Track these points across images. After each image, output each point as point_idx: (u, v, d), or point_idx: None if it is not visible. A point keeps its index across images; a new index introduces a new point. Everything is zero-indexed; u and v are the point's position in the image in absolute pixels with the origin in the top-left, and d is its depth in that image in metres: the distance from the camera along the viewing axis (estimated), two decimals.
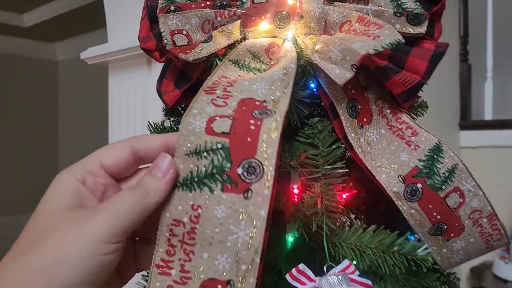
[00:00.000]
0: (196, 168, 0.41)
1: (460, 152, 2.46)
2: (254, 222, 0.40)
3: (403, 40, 0.50)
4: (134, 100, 1.10)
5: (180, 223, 0.41)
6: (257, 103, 0.46)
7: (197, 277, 0.40)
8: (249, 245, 0.40)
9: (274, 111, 0.44)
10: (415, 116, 0.67)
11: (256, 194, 0.40)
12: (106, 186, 0.40)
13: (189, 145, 0.41)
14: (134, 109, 1.10)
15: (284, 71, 0.49)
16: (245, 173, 0.41)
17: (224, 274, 0.40)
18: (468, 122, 2.52)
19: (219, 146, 0.41)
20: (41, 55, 4.01)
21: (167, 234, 0.42)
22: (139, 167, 0.43)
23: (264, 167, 0.40)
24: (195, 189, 0.41)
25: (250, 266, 0.40)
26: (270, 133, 0.41)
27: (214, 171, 0.41)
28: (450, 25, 2.48)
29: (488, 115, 2.48)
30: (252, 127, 0.42)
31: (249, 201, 0.40)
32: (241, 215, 0.40)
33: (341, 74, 0.50)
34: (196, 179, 0.41)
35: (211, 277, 0.40)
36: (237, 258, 0.40)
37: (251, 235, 0.40)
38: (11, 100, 3.79)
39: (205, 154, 0.41)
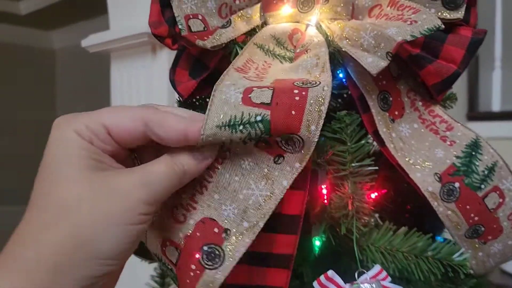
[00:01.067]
0: (229, 141, 0.37)
1: None
2: (274, 188, 0.38)
3: (443, 26, 0.45)
4: (137, 90, 1.05)
5: None
6: (296, 78, 0.41)
7: (201, 210, 0.38)
8: (259, 207, 0.38)
9: (319, 81, 0.39)
10: (443, 109, 0.63)
11: (287, 163, 0.38)
12: (116, 157, 0.34)
13: (222, 116, 0.36)
14: (138, 100, 1.05)
15: (317, 56, 0.44)
16: (283, 142, 0.38)
17: (226, 221, 0.38)
18: (475, 113, 2.47)
19: (259, 118, 0.36)
20: (38, 44, 3.94)
21: None
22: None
23: (305, 143, 0.37)
24: (229, 131, 0.36)
25: (251, 226, 0.38)
26: (317, 106, 0.37)
27: (252, 140, 0.37)
28: None
29: (496, 106, 2.43)
30: (297, 97, 0.37)
31: (277, 165, 0.38)
32: (264, 175, 0.38)
33: (374, 62, 0.45)
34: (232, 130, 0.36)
35: (213, 217, 0.38)
36: (244, 214, 0.38)
37: (266, 198, 0.38)
38: (7, 89, 3.73)
39: (241, 127, 0.36)
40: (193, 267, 0.37)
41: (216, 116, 0.36)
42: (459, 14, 0.50)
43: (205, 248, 0.37)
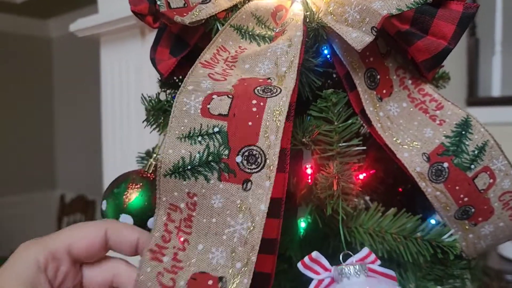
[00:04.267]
0: (189, 154, 0.37)
1: None
2: (253, 216, 0.37)
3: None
4: (127, 74, 1.04)
5: (177, 208, 0.39)
6: (260, 80, 0.40)
7: (189, 268, 0.37)
8: (246, 241, 0.37)
9: (280, 89, 0.38)
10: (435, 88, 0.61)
11: (257, 186, 0.37)
12: (67, 275, 0.38)
13: (182, 128, 0.37)
14: (128, 84, 1.04)
15: (289, 42, 0.43)
16: (244, 162, 0.37)
17: (218, 269, 0.37)
18: (475, 98, 2.45)
19: (216, 130, 0.37)
20: (34, 32, 3.90)
21: (165, 218, 0.39)
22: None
23: (267, 156, 0.37)
24: (189, 177, 0.37)
25: (245, 265, 0.37)
26: (274, 116, 0.36)
27: (210, 158, 0.37)
28: None
29: (496, 91, 2.40)
30: (254, 109, 0.37)
31: (248, 192, 0.37)
32: (239, 207, 0.37)
33: (359, 38, 0.44)
34: (189, 167, 0.37)
35: (203, 270, 0.37)
36: (233, 254, 0.37)
37: (249, 230, 0.37)
38: (4, 78, 3.71)
39: (199, 138, 0.37)
40: None
41: (177, 128, 0.37)
42: None
43: None
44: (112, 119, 1.05)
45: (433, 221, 0.56)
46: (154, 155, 0.50)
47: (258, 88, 0.39)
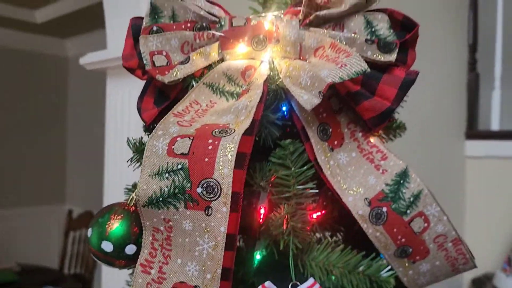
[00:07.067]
0: (159, 188, 0.45)
1: (466, 161, 2.45)
2: (216, 237, 0.45)
3: (369, 70, 0.52)
4: (129, 104, 1.13)
5: (158, 230, 0.48)
6: (221, 125, 0.48)
7: (171, 278, 0.46)
8: (212, 257, 0.45)
9: (234, 130, 0.46)
10: (393, 138, 0.68)
11: (216, 211, 0.45)
12: None
13: (153, 166, 0.46)
14: (129, 113, 1.12)
15: (250, 99, 0.51)
16: (204, 192, 0.45)
17: (193, 279, 0.46)
18: (474, 131, 2.49)
19: (179, 167, 0.45)
20: (52, 51, 4.07)
21: (151, 238, 0.48)
22: None
23: (222, 186, 0.44)
24: (162, 207, 0.46)
25: (213, 276, 0.45)
26: (227, 152, 0.44)
27: (176, 191, 0.45)
28: (459, 33, 2.47)
29: (495, 125, 2.45)
30: (210, 147, 0.45)
31: (210, 217, 0.45)
32: (204, 229, 0.45)
33: (309, 100, 0.52)
34: (161, 199, 0.45)
35: (182, 280, 0.46)
36: (204, 267, 0.45)
37: (214, 248, 0.45)
38: (21, 94, 3.86)
39: (166, 175, 0.45)
40: None
41: (149, 167, 0.45)
42: (391, 57, 0.56)
43: None
44: (113, 146, 1.13)
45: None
46: (135, 190, 0.58)
47: (216, 130, 0.47)
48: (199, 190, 0.44)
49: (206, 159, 0.44)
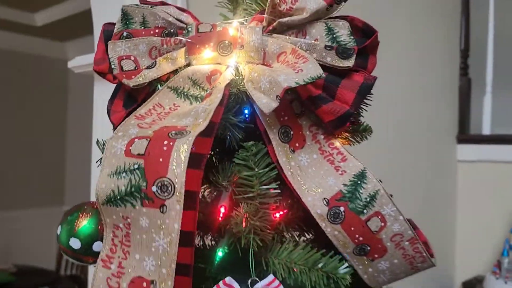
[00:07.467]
0: (117, 187, 0.47)
1: (458, 165, 2.47)
2: (170, 233, 0.47)
3: (324, 75, 0.54)
4: None
5: (118, 227, 0.50)
6: (179, 127, 0.51)
7: (130, 273, 0.49)
8: (167, 253, 0.47)
9: (190, 132, 0.48)
10: (360, 141, 0.70)
11: (170, 209, 0.47)
12: None
13: (111, 166, 0.48)
14: None
15: (210, 102, 0.53)
16: (159, 191, 0.47)
17: (149, 274, 0.48)
18: (466, 136, 2.51)
19: (136, 166, 0.47)
20: (52, 54, 4.11)
21: (111, 235, 0.51)
22: None
23: (175, 185, 0.46)
24: (119, 205, 0.48)
25: (169, 271, 0.47)
26: (180, 153, 0.46)
27: (133, 189, 0.47)
28: (451, 39, 2.49)
29: (487, 130, 2.47)
30: (165, 148, 0.47)
31: (164, 214, 0.47)
32: (160, 226, 0.47)
33: (267, 103, 0.54)
34: (118, 197, 0.48)
35: (139, 275, 0.48)
36: (159, 263, 0.47)
37: (168, 244, 0.47)
38: (21, 96, 3.90)
39: (123, 174, 0.47)
40: None
41: (108, 167, 0.48)
42: (349, 63, 0.58)
43: None
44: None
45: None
46: None
47: (172, 132, 0.49)
48: (154, 188, 0.46)
49: (161, 159, 0.46)
